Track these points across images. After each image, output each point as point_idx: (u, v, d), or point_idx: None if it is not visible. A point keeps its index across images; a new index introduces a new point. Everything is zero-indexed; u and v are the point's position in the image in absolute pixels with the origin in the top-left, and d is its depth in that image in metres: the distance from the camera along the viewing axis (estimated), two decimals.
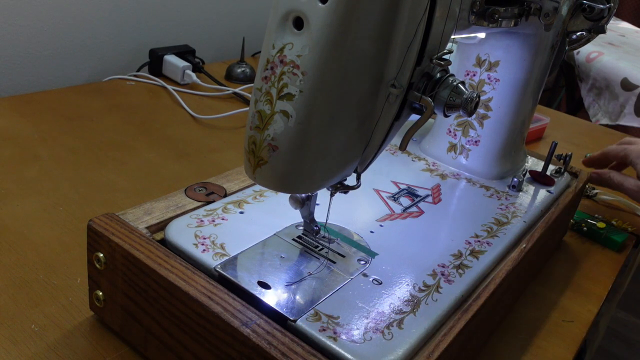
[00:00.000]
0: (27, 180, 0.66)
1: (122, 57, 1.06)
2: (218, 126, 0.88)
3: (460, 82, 0.39)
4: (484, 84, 0.61)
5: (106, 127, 0.82)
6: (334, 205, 0.46)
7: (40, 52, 0.95)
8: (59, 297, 0.50)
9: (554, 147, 0.64)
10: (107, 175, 0.70)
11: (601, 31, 0.61)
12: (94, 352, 0.45)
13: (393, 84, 0.37)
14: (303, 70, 0.33)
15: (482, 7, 0.45)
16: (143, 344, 0.44)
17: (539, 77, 0.61)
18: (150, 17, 1.08)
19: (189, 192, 0.51)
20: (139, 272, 0.41)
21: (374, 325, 0.39)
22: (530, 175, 0.65)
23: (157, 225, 0.46)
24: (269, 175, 0.37)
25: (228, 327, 0.37)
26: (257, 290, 0.40)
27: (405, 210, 0.54)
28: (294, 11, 0.33)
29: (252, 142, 0.36)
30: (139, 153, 0.76)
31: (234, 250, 0.44)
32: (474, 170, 0.63)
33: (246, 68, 1.08)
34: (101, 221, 0.44)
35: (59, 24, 0.95)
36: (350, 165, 0.40)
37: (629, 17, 2.25)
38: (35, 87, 0.96)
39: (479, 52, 0.60)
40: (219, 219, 0.47)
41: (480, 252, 0.50)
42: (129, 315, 0.44)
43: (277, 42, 0.34)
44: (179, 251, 0.44)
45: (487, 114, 0.61)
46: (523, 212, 0.57)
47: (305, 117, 0.34)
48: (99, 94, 0.92)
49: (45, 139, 0.76)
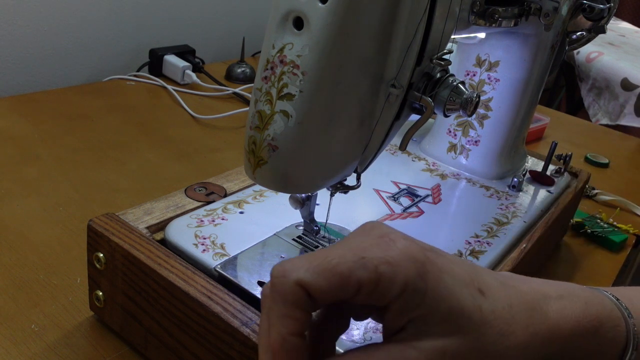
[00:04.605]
0: (27, 180, 0.66)
1: (122, 57, 1.06)
2: (218, 126, 0.88)
3: (460, 82, 0.39)
4: (484, 84, 0.61)
5: (106, 127, 0.82)
6: (334, 205, 0.45)
7: (40, 52, 0.95)
8: (59, 297, 0.50)
9: (554, 147, 0.64)
10: (107, 175, 0.70)
11: (601, 31, 0.61)
12: (94, 352, 0.45)
13: (393, 84, 0.37)
14: (303, 70, 0.33)
15: (482, 7, 0.45)
16: (143, 344, 0.44)
17: (539, 77, 0.61)
18: (150, 17, 1.08)
19: (189, 192, 0.51)
20: (139, 272, 0.41)
21: (374, 325, 0.39)
22: (530, 175, 0.65)
23: (157, 225, 0.46)
24: (269, 175, 0.37)
25: (228, 327, 0.37)
26: (257, 290, 0.40)
27: (405, 210, 0.54)
28: (294, 11, 0.33)
29: (252, 142, 0.36)
30: (139, 153, 0.76)
31: (234, 250, 0.44)
32: (474, 170, 0.63)
33: (246, 68, 1.08)
34: (101, 221, 0.44)
35: (59, 24, 0.95)
36: (350, 165, 0.40)
37: (629, 17, 2.25)
38: (35, 87, 0.96)
39: (479, 52, 0.60)
40: (219, 219, 0.47)
41: (480, 252, 0.50)
42: (129, 315, 0.44)
43: (277, 42, 0.34)
44: (179, 251, 0.44)
45: (487, 114, 0.61)
46: (523, 212, 0.57)
47: (305, 117, 0.34)
48: (99, 94, 0.92)
49: (45, 139, 0.76)
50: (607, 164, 0.99)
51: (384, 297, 0.28)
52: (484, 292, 0.30)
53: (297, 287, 0.27)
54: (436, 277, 0.29)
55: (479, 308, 0.29)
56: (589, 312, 0.33)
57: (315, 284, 0.27)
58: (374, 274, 0.27)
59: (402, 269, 0.28)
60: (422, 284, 0.28)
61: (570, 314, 0.32)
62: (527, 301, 0.32)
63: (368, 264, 0.28)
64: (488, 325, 0.29)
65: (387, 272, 0.28)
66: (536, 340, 0.31)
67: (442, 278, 0.29)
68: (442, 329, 0.28)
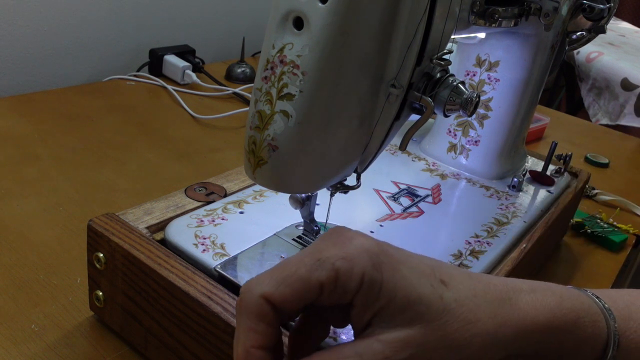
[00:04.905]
0: (27, 180, 0.66)
1: (122, 57, 1.06)
2: (218, 126, 0.88)
3: (460, 82, 0.39)
4: (484, 84, 0.61)
5: (106, 127, 0.82)
6: (334, 205, 0.45)
7: (40, 52, 0.95)
8: (59, 297, 0.50)
9: (554, 147, 0.64)
10: (107, 175, 0.70)
11: (601, 31, 0.61)
12: (94, 352, 0.45)
13: (393, 84, 0.37)
14: (303, 70, 0.33)
15: (482, 7, 0.45)
16: (143, 344, 0.44)
17: (539, 77, 0.61)
18: (150, 17, 1.08)
19: (189, 192, 0.51)
20: (139, 272, 0.41)
21: None
22: (530, 175, 0.65)
23: (157, 225, 0.46)
24: (269, 175, 0.37)
25: (228, 327, 0.37)
26: None
27: (405, 210, 0.54)
28: (294, 11, 0.33)
29: (252, 142, 0.36)
30: (139, 153, 0.76)
31: (234, 250, 0.44)
32: (474, 170, 0.63)
33: (246, 68, 1.08)
34: (101, 221, 0.44)
35: (59, 24, 0.95)
36: (350, 165, 0.40)
37: (629, 17, 2.25)
38: (35, 87, 0.96)
39: (479, 52, 0.60)
40: (219, 219, 0.47)
41: (480, 252, 0.50)
42: (129, 315, 0.44)
43: (277, 42, 0.34)
44: (179, 251, 0.44)
45: (487, 114, 0.61)
46: (523, 212, 0.57)
47: (305, 117, 0.34)
48: (99, 94, 0.92)
49: (45, 139, 0.76)
50: (607, 164, 0.99)
51: (345, 292, 0.29)
52: (446, 283, 0.31)
53: (262, 300, 0.28)
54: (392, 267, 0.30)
55: (439, 296, 0.30)
56: (565, 306, 0.33)
57: (279, 293, 0.28)
58: (332, 271, 0.28)
59: (357, 261, 0.29)
60: (378, 275, 0.29)
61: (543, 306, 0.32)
62: (496, 292, 0.32)
63: (325, 263, 0.29)
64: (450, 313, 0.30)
65: (344, 267, 0.29)
66: (506, 331, 0.31)
67: (398, 268, 0.30)
68: (403, 319, 0.29)
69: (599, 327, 0.34)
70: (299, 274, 0.28)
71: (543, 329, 0.32)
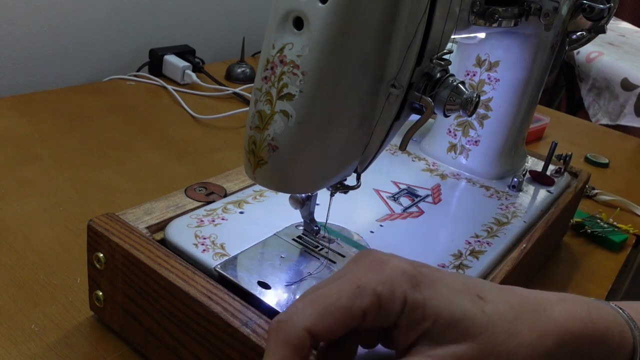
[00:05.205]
0: (27, 180, 0.66)
1: (122, 57, 1.06)
2: (218, 126, 0.88)
3: (460, 82, 0.39)
4: (484, 84, 0.61)
5: (106, 127, 0.82)
6: (334, 205, 0.45)
7: (40, 52, 0.95)
8: (59, 297, 0.50)
9: (554, 147, 0.64)
10: (107, 175, 0.70)
11: (601, 31, 0.61)
12: (94, 352, 0.45)
13: (393, 84, 0.37)
14: (303, 70, 0.33)
15: (482, 7, 0.45)
16: (143, 344, 0.44)
17: (539, 77, 0.61)
18: (150, 17, 1.08)
19: (189, 192, 0.51)
20: (139, 272, 0.41)
21: None
22: (530, 175, 0.65)
23: (157, 225, 0.46)
24: (269, 175, 0.37)
25: (228, 327, 0.37)
26: (257, 290, 0.40)
27: (405, 210, 0.54)
28: (294, 11, 0.33)
29: (252, 142, 0.36)
30: (139, 153, 0.76)
31: (234, 250, 0.44)
32: (474, 170, 0.63)
33: (246, 68, 1.08)
34: (101, 221, 0.44)
35: (59, 24, 0.95)
36: (350, 165, 0.40)
37: (629, 17, 2.25)
38: (35, 87, 0.96)
39: (479, 52, 0.60)
40: (219, 219, 0.47)
41: (480, 252, 0.50)
42: (129, 315, 0.44)
43: (277, 42, 0.34)
44: (179, 251, 0.44)
45: (487, 114, 0.61)
46: (523, 212, 0.57)
47: (305, 117, 0.34)
48: (99, 94, 0.92)
49: (45, 139, 0.76)
50: (607, 164, 0.99)
51: (389, 316, 0.29)
52: (482, 297, 0.31)
53: (305, 333, 0.28)
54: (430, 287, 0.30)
55: (481, 311, 0.30)
56: (593, 316, 0.33)
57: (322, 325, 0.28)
58: (374, 297, 0.28)
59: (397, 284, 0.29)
60: (419, 295, 0.29)
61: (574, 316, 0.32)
62: (529, 303, 0.32)
63: (366, 289, 0.29)
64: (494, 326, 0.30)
65: (385, 291, 0.29)
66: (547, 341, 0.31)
67: (436, 287, 0.30)
68: (450, 337, 0.29)
69: (625, 338, 0.34)
70: (341, 304, 0.28)
71: (578, 339, 0.32)
